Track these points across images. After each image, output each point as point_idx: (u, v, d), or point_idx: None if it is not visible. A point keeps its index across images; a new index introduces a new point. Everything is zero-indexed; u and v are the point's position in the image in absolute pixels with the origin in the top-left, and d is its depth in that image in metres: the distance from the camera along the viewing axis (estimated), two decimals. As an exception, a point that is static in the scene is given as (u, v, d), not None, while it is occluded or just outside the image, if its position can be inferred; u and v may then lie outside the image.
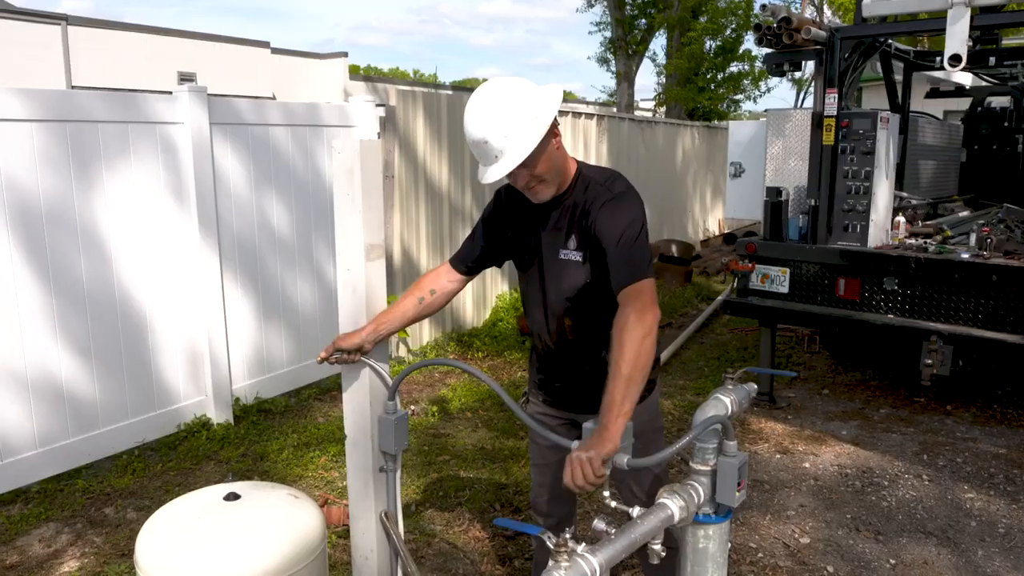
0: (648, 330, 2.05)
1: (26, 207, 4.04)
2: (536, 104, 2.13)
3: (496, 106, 2.13)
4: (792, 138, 5.51)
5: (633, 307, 2.06)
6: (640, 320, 2.04)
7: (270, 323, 5.47)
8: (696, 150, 13.38)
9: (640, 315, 2.05)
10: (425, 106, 6.65)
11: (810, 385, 6.12)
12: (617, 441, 1.95)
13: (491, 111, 2.13)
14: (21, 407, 4.09)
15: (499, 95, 2.14)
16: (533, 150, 2.11)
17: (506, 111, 2.11)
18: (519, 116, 2.11)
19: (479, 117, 2.13)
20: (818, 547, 3.71)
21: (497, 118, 2.12)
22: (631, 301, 2.08)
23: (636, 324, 2.03)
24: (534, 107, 2.12)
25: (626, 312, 2.06)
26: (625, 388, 1.97)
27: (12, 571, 3.46)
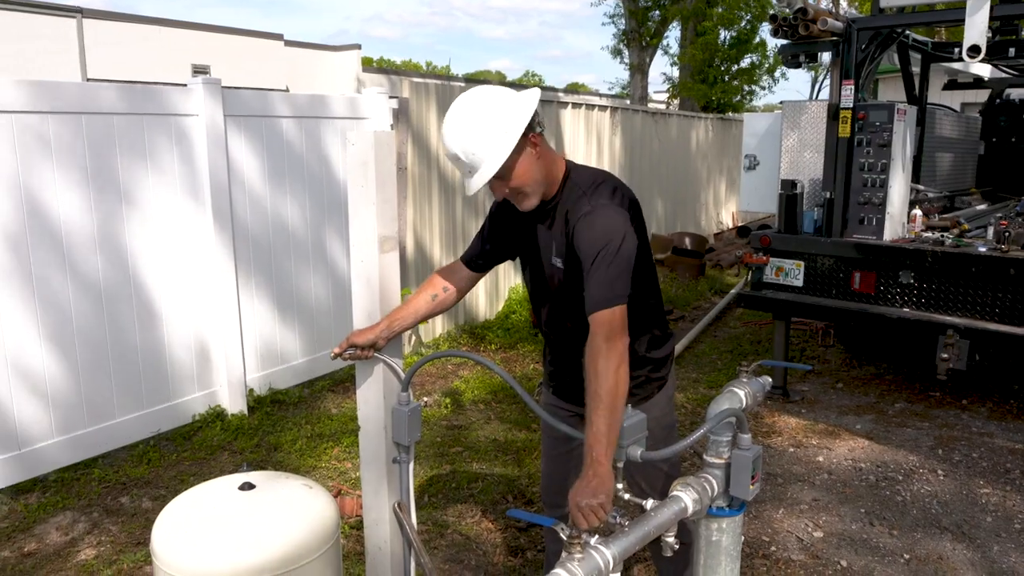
0: (621, 358, 2.05)
1: (42, 200, 4.07)
2: (505, 118, 2.09)
3: (465, 122, 2.11)
4: (807, 130, 5.47)
5: (602, 335, 2.05)
6: (612, 349, 2.04)
7: (283, 314, 5.50)
8: (710, 142, 13.31)
9: (611, 343, 2.04)
10: (438, 98, 6.64)
11: (824, 379, 6.09)
12: (612, 474, 1.96)
13: (460, 127, 2.12)
14: (38, 398, 4.13)
15: (468, 111, 2.12)
16: (503, 164, 2.09)
17: (474, 127, 2.10)
18: (487, 131, 2.09)
19: (450, 133, 2.14)
20: (831, 541, 3.69)
21: (466, 134, 2.11)
22: (600, 329, 2.06)
23: (610, 353, 2.03)
24: (503, 121, 2.09)
25: (596, 341, 2.05)
26: (609, 417, 1.96)
27: (30, 558, 3.50)
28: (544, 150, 2.21)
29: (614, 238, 2.11)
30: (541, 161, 2.20)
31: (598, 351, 2.02)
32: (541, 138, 2.19)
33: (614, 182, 2.27)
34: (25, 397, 4.07)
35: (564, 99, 8.93)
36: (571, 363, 2.50)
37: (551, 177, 2.25)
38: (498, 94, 2.14)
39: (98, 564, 3.44)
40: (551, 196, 2.26)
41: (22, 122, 3.95)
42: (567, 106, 8.74)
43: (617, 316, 2.07)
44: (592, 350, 2.04)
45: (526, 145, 2.13)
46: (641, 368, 2.44)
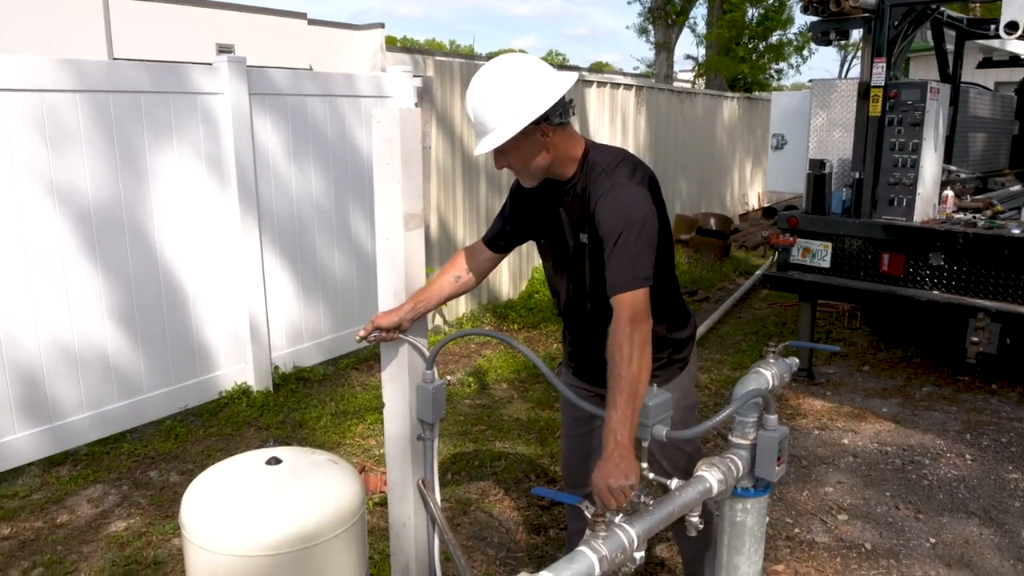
0: (645, 340, 2.03)
1: (71, 180, 4.11)
2: (521, 102, 2.06)
3: (485, 89, 2.10)
4: (837, 109, 5.38)
5: (626, 317, 2.03)
6: (636, 331, 2.02)
7: (308, 292, 5.53)
8: (736, 122, 13.15)
9: (635, 326, 2.02)
10: (462, 77, 6.61)
11: (850, 361, 6.03)
12: (633, 452, 1.96)
13: (479, 92, 2.11)
14: (69, 373, 4.20)
15: (492, 80, 2.10)
16: (500, 145, 2.09)
17: (490, 98, 2.08)
18: (499, 108, 2.07)
19: (471, 93, 2.13)
20: (856, 524, 3.67)
21: (481, 102, 2.10)
22: (625, 311, 2.04)
23: (633, 336, 2.01)
24: (517, 105, 2.06)
25: (620, 324, 2.03)
26: (632, 401, 1.96)
27: (63, 529, 3.58)
28: (557, 140, 2.16)
29: (636, 217, 2.09)
30: (549, 151, 2.17)
31: (623, 334, 2.01)
32: (558, 129, 2.15)
33: (633, 160, 2.25)
34: (57, 372, 4.14)
35: (589, 78, 8.85)
36: (591, 344, 2.49)
37: (562, 161, 2.22)
38: (527, 74, 2.09)
39: (128, 536, 3.51)
40: (569, 176, 2.24)
41: (50, 101, 3.99)
42: (592, 85, 8.66)
43: (640, 298, 2.05)
44: (616, 333, 2.03)
45: (535, 133, 2.11)
46: (663, 349, 2.43)
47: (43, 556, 3.34)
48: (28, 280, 3.98)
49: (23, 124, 3.89)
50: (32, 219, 3.97)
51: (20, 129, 3.88)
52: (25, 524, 3.61)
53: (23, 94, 3.88)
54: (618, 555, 1.68)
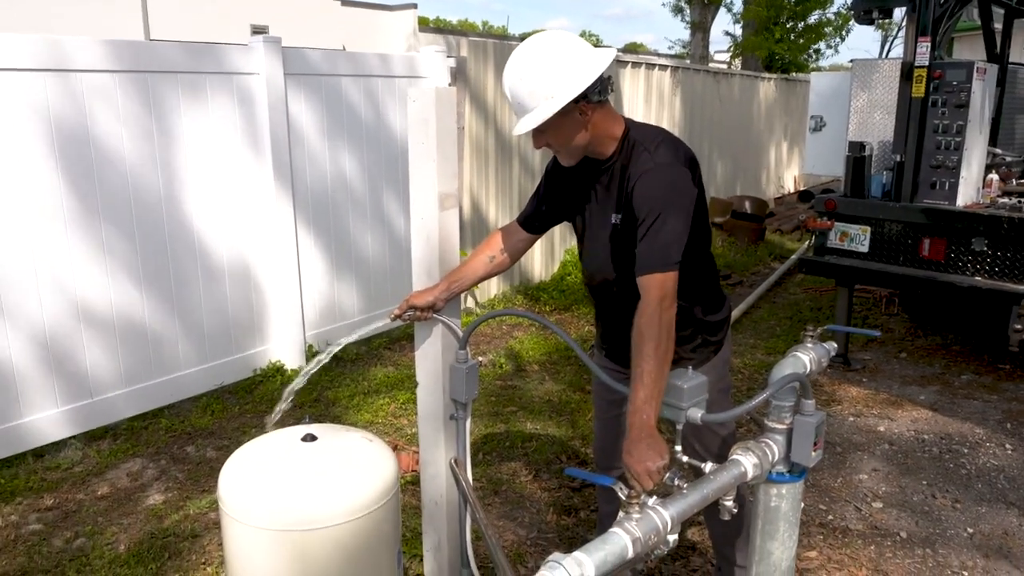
0: (671, 322, 2.02)
1: (110, 157, 4.17)
2: (559, 81, 2.03)
3: (522, 69, 2.07)
4: (879, 90, 5.26)
5: (655, 298, 2.01)
6: (665, 312, 2.01)
7: (341, 272, 5.57)
8: (773, 103, 12.93)
9: (663, 307, 2.01)
10: (496, 57, 6.58)
11: (887, 348, 5.94)
12: (657, 432, 1.96)
13: (516, 72, 2.08)
14: (109, 349, 4.28)
15: (530, 59, 2.06)
16: (539, 125, 2.06)
17: (527, 78, 2.05)
18: (537, 88, 2.04)
19: (508, 72, 2.10)
20: (891, 512, 3.63)
21: (518, 82, 2.07)
22: (654, 292, 2.02)
23: (662, 317, 2.00)
24: (555, 84, 2.03)
25: (649, 307, 2.02)
26: (660, 381, 1.96)
27: (103, 501, 3.66)
28: (596, 118, 2.14)
29: (675, 199, 2.07)
30: (588, 129, 2.14)
31: (652, 315, 2.00)
32: (597, 107, 2.12)
33: (675, 140, 2.22)
34: (97, 349, 4.23)
35: (623, 58, 8.75)
36: (624, 325, 2.47)
37: (601, 139, 2.19)
38: (565, 51, 2.06)
39: (166, 509, 3.58)
40: (608, 155, 2.22)
41: (92, 81, 4.04)
42: (626, 66, 8.57)
43: (670, 281, 2.03)
44: (645, 314, 2.01)
45: (574, 111, 2.08)
46: (697, 331, 2.41)
47: (85, 527, 3.43)
48: (70, 259, 4.05)
49: (69, 102, 3.95)
50: (73, 194, 4.03)
51: (66, 107, 3.94)
52: (67, 495, 3.70)
53: (70, 74, 3.93)
54: (651, 537, 1.67)
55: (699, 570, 3.17)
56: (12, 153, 3.79)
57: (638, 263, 2.07)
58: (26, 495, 3.68)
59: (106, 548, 3.27)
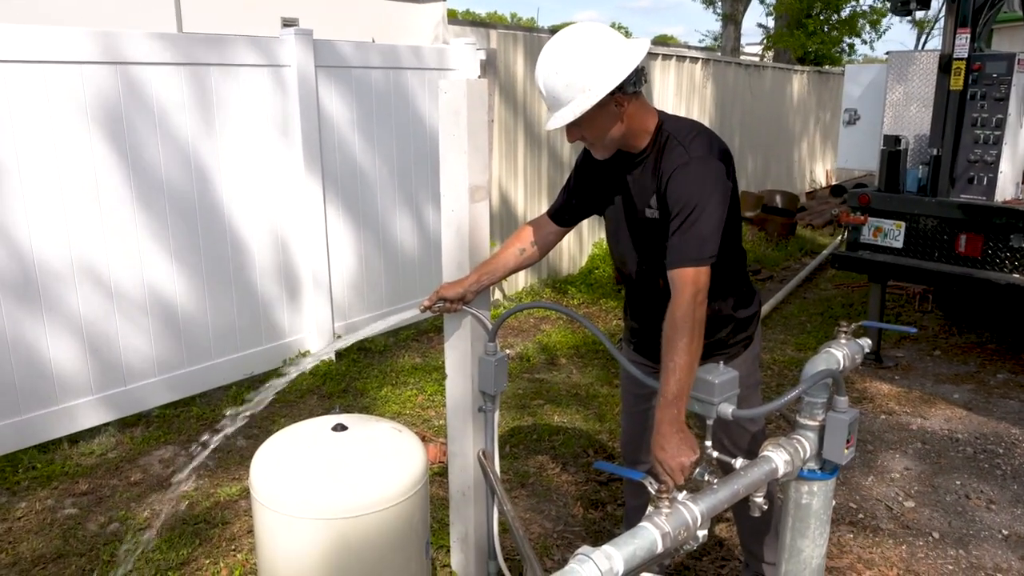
0: (703, 317, 2.01)
1: (145, 149, 4.22)
2: (595, 74, 2.00)
3: (556, 63, 2.04)
4: (915, 83, 5.17)
5: (689, 293, 2.00)
6: (698, 308, 1.99)
7: (370, 263, 5.60)
8: (805, 97, 12.76)
9: (695, 302, 1.99)
10: (526, 49, 6.56)
11: (920, 345, 5.84)
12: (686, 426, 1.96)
13: (550, 66, 2.05)
14: (143, 337, 4.34)
15: (564, 52, 2.04)
16: (575, 119, 2.04)
17: (562, 72, 2.02)
18: (573, 82, 2.01)
19: (541, 67, 2.08)
20: (923, 512, 3.57)
21: (553, 77, 2.04)
22: (687, 287, 2.00)
23: (694, 312, 1.99)
24: (591, 78, 2.00)
25: (681, 301, 2.00)
26: (690, 376, 1.95)
27: (136, 487, 3.72)
28: (631, 110, 2.12)
29: (710, 193, 2.04)
30: (623, 121, 2.12)
31: (686, 309, 1.98)
32: (632, 98, 2.10)
33: (710, 134, 2.19)
34: (131, 337, 4.29)
35: (654, 50, 8.68)
36: (654, 319, 2.45)
37: (636, 132, 2.17)
38: (600, 44, 2.04)
39: (197, 496, 3.63)
40: (642, 148, 2.20)
41: (130, 72, 4.09)
42: (657, 58, 8.50)
43: (703, 275, 2.02)
44: (679, 308, 2.00)
45: (610, 103, 2.06)
46: (726, 326, 2.39)
47: (118, 512, 3.49)
48: (105, 248, 4.11)
49: (108, 93, 4.00)
50: (109, 184, 4.09)
51: (104, 97, 4.00)
52: (101, 481, 3.77)
53: (107, 66, 3.99)
54: (681, 532, 1.66)
55: (727, 566, 3.15)
56: (51, 142, 3.85)
57: (670, 257, 2.05)
58: (62, 480, 3.76)
59: (138, 533, 3.32)
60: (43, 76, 3.79)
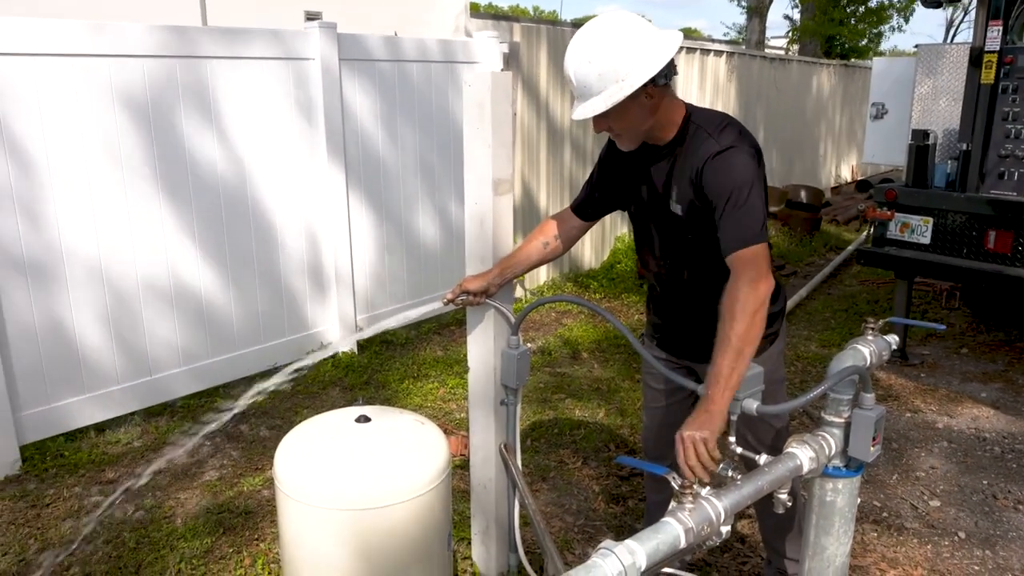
0: (761, 302, 1.96)
1: (172, 140, 4.26)
2: (629, 66, 1.98)
3: (587, 52, 2.01)
4: (945, 76, 5.10)
5: (746, 276, 1.96)
6: (753, 291, 1.95)
7: (393, 256, 5.62)
8: (831, 91, 12.62)
9: (754, 285, 1.95)
10: (549, 43, 6.54)
11: (947, 343, 5.77)
12: (725, 415, 1.91)
13: (582, 55, 2.02)
14: (168, 328, 4.39)
15: (597, 41, 2.01)
16: (606, 110, 2.01)
17: (594, 62, 2.00)
18: (605, 73, 1.99)
19: (571, 56, 2.05)
20: (949, 512, 3.53)
21: (584, 66, 2.01)
22: (742, 270, 1.97)
23: (749, 295, 1.94)
24: (624, 69, 1.98)
25: (738, 283, 1.97)
26: (734, 360, 1.90)
27: (161, 476, 3.77)
28: (661, 101, 2.10)
29: (747, 178, 2.02)
30: (652, 113, 2.10)
31: (736, 294, 1.95)
32: (662, 90, 2.08)
33: (738, 125, 2.17)
34: (157, 327, 4.34)
35: (678, 44, 8.61)
36: (679, 313, 2.44)
37: (663, 124, 2.15)
38: (634, 34, 2.01)
39: (221, 486, 3.67)
40: (668, 139, 2.18)
41: (155, 67, 4.12)
42: (680, 51, 8.43)
43: (760, 255, 1.98)
44: (731, 293, 1.97)
45: (640, 95, 2.03)
46: None
47: (143, 500, 3.53)
48: (132, 238, 4.16)
49: (130, 86, 4.04)
50: (136, 175, 4.13)
51: (132, 89, 4.04)
52: (127, 469, 3.82)
53: (131, 59, 4.03)
54: (704, 528, 1.65)
55: (748, 562, 3.13)
56: (79, 136, 3.89)
57: (723, 244, 2.03)
58: (88, 468, 3.81)
59: (164, 521, 3.37)
60: (72, 70, 3.83)
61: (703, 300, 2.30)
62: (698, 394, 2.05)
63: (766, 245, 2.01)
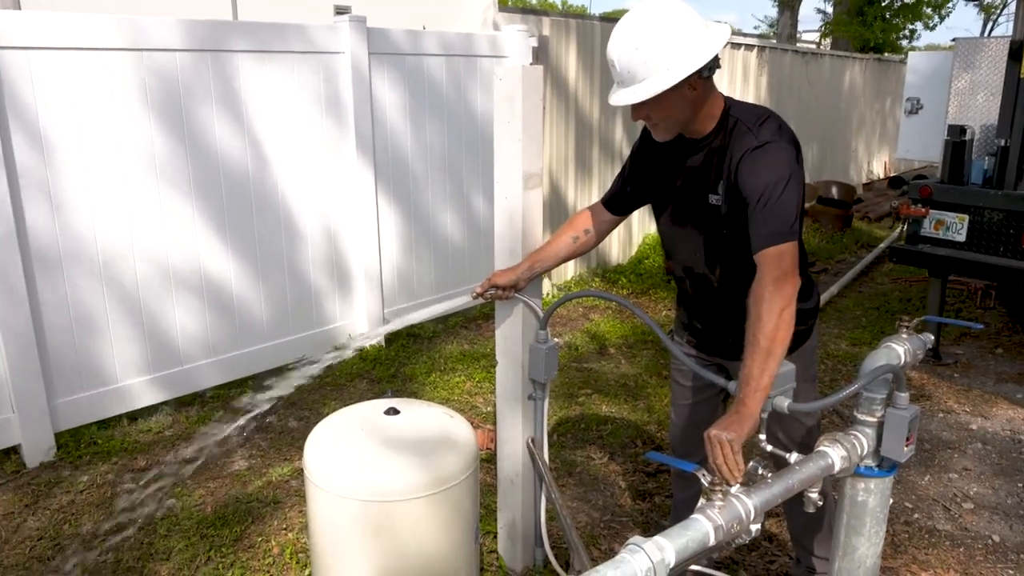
0: (787, 301, 1.92)
1: (201, 131, 4.30)
2: (677, 56, 1.96)
3: (635, 38, 1.98)
4: (983, 70, 5.00)
5: (771, 275, 1.93)
6: (779, 291, 1.91)
7: (419, 251, 5.63)
8: (864, 85, 12.43)
9: (779, 285, 1.92)
10: (578, 37, 6.51)
11: (982, 343, 5.67)
12: (756, 418, 1.88)
13: (628, 41, 1.99)
14: (198, 320, 4.44)
15: (645, 28, 1.98)
16: (649, 98, 1.99)
17: (641, 49, 1.97)
18: (652, 61, 1.96)
19: (616, 41, 2.02)
20: (983, 514, 3.47)
21: (630, 52, 1.98)
22: (769, 268, 1.94)
23: (775, 295, 1.91)
24: (673, 58, 1.95)
25: (764, 281, 1.94)
26: (764, 362, 1.87)
27: (191, 464, 3.82)
28: (703, 93, 2.08)
29: (783, 174, 1.99)
30: (693, 104, 2.08)
31: (762, 293, 1.93)
32: (705, 83, 2.06)
33: (779, 119, 2.14)
34: (187, 318, 4.39)
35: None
36: (709, 311, 2.42)
37: (703, 117, 2.13)
38: (684, 23, 1.99)
39: (250, 475, 3.71)
40: (706, 132, 2.16)
41: (186, 61, 4.17)
42: (711, 45, 8.35)
43: (787, 254, 1.95)
44: (756, 292, 1.94)
45: (683, 85, 2.01)
46: None
47: (174, 488, 3.58)
48: (163, 230, 4.21)
49: (163, 81, 4.09)
50: (168, 167, 4.18)
51: (163, 83, 4.08)
52: (158, 458, 3.88)
53: (167, 53, 4.08)
54: (734, 526, 1.64)
55: (776, 561, 3.10)
56: (112, 130, 3.95)
57: (753, 241, 2.01)
58: (121, 456, 3.87)
59: (194, 509, 3.41)
60: (106, 64, 3.88)
61: (734, 297, 2.27)
62: (729, 391, 2.03)
63: (795, 244, 1.98)
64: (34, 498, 3.51)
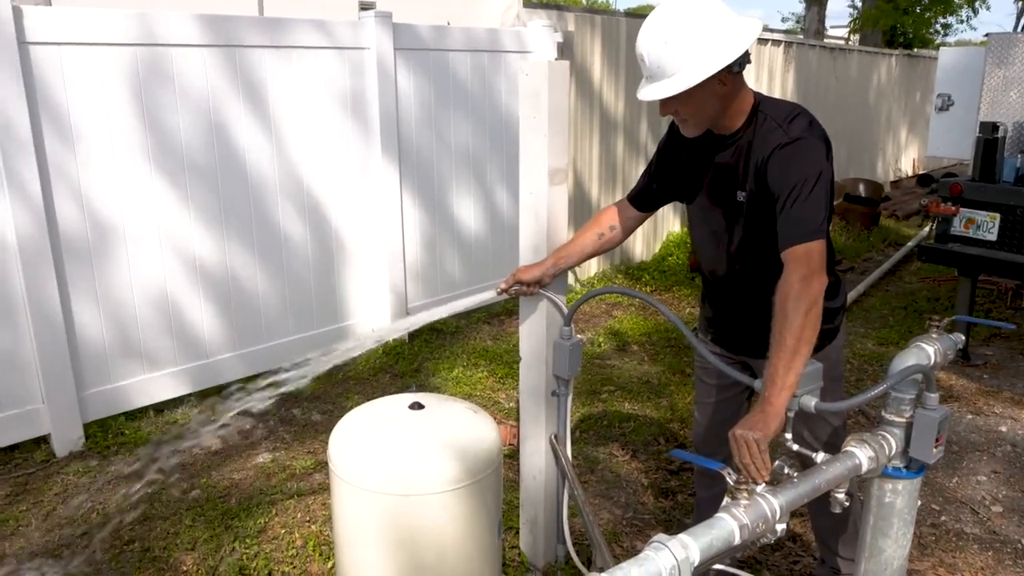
0: (814, 299, 1.90)
1: (229, 126, 4.34)
2: (709, 51, 1.94)
3: (666, 33, 1.97)
4: (1017, 66, 4.91)
5: (797, 273, 1.91)
6: (806, 288, 1.89)
7: (443, 245, 5.64)
8: (893, 82, 12.26)
9: (805, 282, 1.90)
10: (603, 33, 6.48)
11: (1012, 344, 5.57)
12: (781, 417, 1.86)
13: (659, 35, 1.98)
14: (223, 313, 4.48)
15: (676, 23, 1.97)
16: (679, 93, 1.97)
17: (672, 43, 1.96)
18: (683, 56, 1.95)
19: (647, 35, 2.01)
20: (1012, 518, 3.42)
21: (661, 46, 1.97)
22: (796, 266, 1.92)
23: (801, 293, 1.89)
24: (704, 53, 1.94)
25: (790, 279, 1.92)
26: (789, 360, 1.85)
27: (216, 456, 3.86)
28: (733, 89, 2.06)
29: (813, 171, 1.97)
30: (723, 100, 2.07)
31: (788, 291, 1.91)
32: (735, 78, 2.05)
33: (809, 115, 2.12)
34: (212, 313, 4.43)
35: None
36: (736, 308, 2.40)
37: (732, 112, 2.11)
38: (716, 18, 1.98)
39: (274, 467, 3.74)
40: (735, 128, 2.14)
41: (209, 56, 4.20)
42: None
43: (815, 251, 1.93)
44: (783, 290, 1.93)
45: (714, 81, 2.00)
46: None
47: (200, 479, 3.62)
48: (189, 224, 4.25)
49: (188, 76, 4.13)
50: (194, 161, 4.22)
51: (186, 80, 4.12)
52: (185, 449, 3.92)
53: (199, 49, 4.12)
54: (759, 525, 1.63)
55: (800, 561, 3.08)
56: (139, 124, 3.99)
57: (780, 238, 1.99)
58: (148, 446, 3.92)
59: (219, 501, 3.45)
60: (133, 59, 3.93)
61: (760, 294, 2.25)
62: (755, 389, 2.01)
63: (823, 242, 1.96)
64: (63, 487, 3.56)
